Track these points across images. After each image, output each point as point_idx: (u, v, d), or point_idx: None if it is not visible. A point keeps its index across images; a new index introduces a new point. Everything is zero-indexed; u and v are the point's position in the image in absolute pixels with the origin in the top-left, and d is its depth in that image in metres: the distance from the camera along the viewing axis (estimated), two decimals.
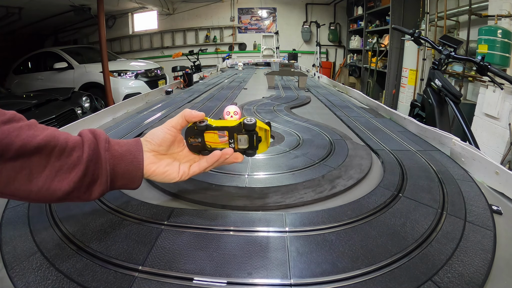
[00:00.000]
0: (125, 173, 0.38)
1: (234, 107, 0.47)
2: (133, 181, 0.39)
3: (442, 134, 0.80)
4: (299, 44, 7.00)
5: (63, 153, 0.34)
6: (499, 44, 2.25)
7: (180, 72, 3.52)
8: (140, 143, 0.40)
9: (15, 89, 4.53)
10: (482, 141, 2.43)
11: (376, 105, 1.33)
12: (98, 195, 0.36)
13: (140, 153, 0.39)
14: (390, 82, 4.45)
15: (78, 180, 0.34)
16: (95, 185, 0.36)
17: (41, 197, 0.33)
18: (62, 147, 0.34)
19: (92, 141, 0.36)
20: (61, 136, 0.35)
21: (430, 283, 0.33)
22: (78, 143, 0.35)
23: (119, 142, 0.39)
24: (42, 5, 4.80)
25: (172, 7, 6.95)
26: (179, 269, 0.34)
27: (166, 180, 0.41)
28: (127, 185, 0.39)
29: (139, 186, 0.40)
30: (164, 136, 0.42)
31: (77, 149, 0.35)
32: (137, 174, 0.39)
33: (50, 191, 0.33)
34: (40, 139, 0.32)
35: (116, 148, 0.38)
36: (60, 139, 0.34)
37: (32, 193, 0.32)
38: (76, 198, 0.35)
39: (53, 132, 0.35)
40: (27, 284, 0.32)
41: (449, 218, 0.45)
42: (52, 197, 0.33)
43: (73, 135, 0.37)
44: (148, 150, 0.41)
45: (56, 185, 0.33)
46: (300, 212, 0.47)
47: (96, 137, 0.37)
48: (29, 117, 0.35)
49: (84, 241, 0.39)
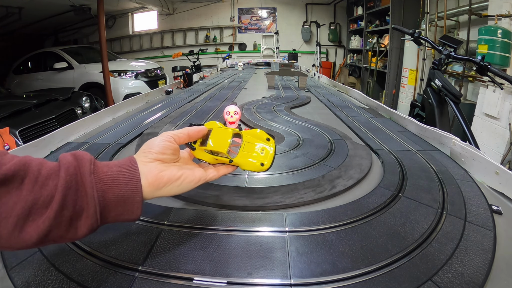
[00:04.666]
0: (119, 200, 0.30)
1: (234, 107, 0.47)
2: (131, 209, 0.31)
3: (442, 134, 0.80)
4: (299, 44, 7.00)
5: (36, 183, 0.27)
6: (499, 44, 2.25)
7: (180, 72, 3.53)
8: (134, 160, 0.33)
9: (15, 89, 4.53)
10: (482, 141, 2.43)
11: (376, 105, 1.33)
12: (87, 232, 0.28)
13: (136, 172, 0.32)
14: (390, 82, 4.45)
15: (54, 215, 0.26)
16: (79, 220, 0.28)
17: (13, 243, 0.26)
18: (34, 176, 0.27)
19: (71, 163, 0.29)
20: (33, 162, 0.28)
21: (430, 283, 0.33)
22: (54, 169, 0.28)
23: (108, 164, 0.32)
24: (42, 5, 4.80)
25: (172, 7, 6.95)
26: (179, 269, 0.34)
27: (184, 186, 0.35)
28: (123, 215, 0.31)
29: (138, 215, 0.32)
30: (164, 144, 0.36)
31: (53, 177, 0.28)
32: (135, 200, 0.31)
33: (23, 234, 0.26)
34: (6, 169, 0.26)
35: (104, 170, 0.30)
36: (32, 166, 0.28)
37: (2, 238, 0.25)
38: (58, 237, 0.27)
39: (24, 158, 0.28)
40: (27, 284, 0.32)
41: (449, 218, 0.45)
42: (26, 242, 0.26)
43: (51, 161, 0.30)
44: (151, 160, 0.34)
45: (30, 226, 0.26)
46: (300, 212, 0.47)
47: (78, 158, 0.30)
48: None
49: (84, 241, 0.39)
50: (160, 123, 0.99)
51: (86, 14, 5.39)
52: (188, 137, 0.38)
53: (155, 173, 0.33)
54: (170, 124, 0.98)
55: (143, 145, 0.36)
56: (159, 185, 0.33)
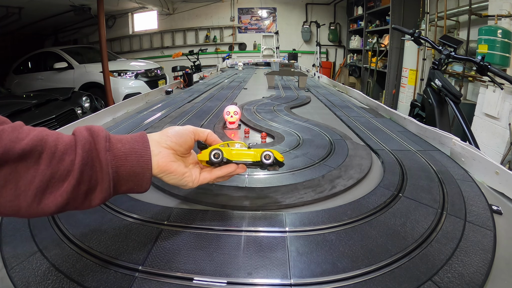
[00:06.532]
0: (130, 175, 0.33)
1: (234, 107, 0.47)
2: (140, 184, 0.34)
3: (442, 134, 0.80)
4: (299, 44, 7.00)
5: (53, 158, 0.29)
6: (499, 44, 2.25)
7: (180, 72, 3.52)
8: (146, 138, 0.36)
9: (15, 89, 4.54)
10: (482, 141, 2.43)
11: (376, 105, 1.33)
12: (100, 202, 0.32)
13: (148, 150, 0.34)
14: (390, 82, 4.45)
15: (71, 190, 0.29)
16: (94, 193, 0.31)
17: (32, 213, 0.28)
18: (51, 151, 0.29)
19: (87, 140, 0.31)
20: (50, 137, 0.30)
21: (430, 283, 0.33)
22: (70, 144, 0.30)
23: (121, 139, 0.34)
24: (42, 5, 4.80)
25: (172, 7, 6.95)
26: (179, 269, 0.34)
27: (182, 182, 0.38)
28: (134, 189, 0.34)
29: (147, 189, 0.35)
30: (185, 138, 0.39)
31: (70, 152, 0.30)
32: (145, 176, 0.34)
33: (42, 206, 0.28)
34: (25, 144, 0.27)
35: (118, 147, 0.33)
36: (49, 141, 0.29)
37: (22, 209, 0.27)
38: (74, 208, 0.31)
39: (40, 133, 0.29)
40: (27, 284, 0.32)
41: (449, 218, 0.45)
42: (45, 212, 0.28)
43: (66, 134, 0.32)
44: (167, 146, 0.37)
45: (48, 198, 0.28)
46: (300, 212, 0.47)
47: (94, 135, 0.32)
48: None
49: (84, 241, 0.39)
50: (160, 123, 0.99)
51: (86, 14, 5.40)
52: (206, 138, 0.41)
53: (167, 160, 0.36)
54: (170, 124, 0.98)
55: (167, 127, 0.39)
56: (165, 172, 0.36)
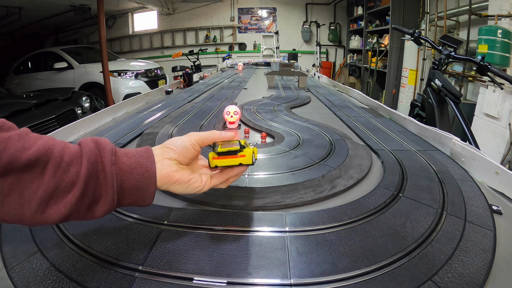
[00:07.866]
0: (134, 189, 0.33)
1: (234, 107, 0.47)
2: (144, 198, 0.34)
3: (442, 134, 0.80)
4: (299, 44, 7.00)
5: (59, 169, 0.29)
6: (499, 44, 2.25)
7: (180, 72, 3.53)
8: (151, 152, 0.36)
9: (15, 89, 4.54)
10: (482, 141, 2.43)
11: (376, 105, 1.33)
12: (102, 215, 0.32)
13: (153, 165, 0.34)
14: (390, 82, 4.45)
15: (75, 201, 0.29)
16: (97, 205, 0.31)
17: (35, 222, 0.28)
18: (57, 162, 0.29)
19: (93, 152, 0.31)
20: (55, 147, 0.30)
21: (430, 283, 0.33)
22: (75, 155, 0.30)
23: (127, 153, 0.34)
24: (42, 5, 4.80)
25: (172, 7, 6.95)
26: (179, 269, 0.34)
27: (190, 189, 0.38)
28: (137, 202, 0.34)
29: (150, 203, 0.35)
30: (188, 150, 0.39)
31: (75, 164, 0.30)
32: (149, 190, 0.34)
33: (45, 215, 0.28)
34: (31, 154, 0.28)
35: (124, 160, 0.33)
36: (55, 151, 0.29)
37: (25, 218, 0.28)
38: (76, 218, 0.31)
39: (47, 142, 0.30)
40: (27, 284, 0.32)
41: (449, 218, 0.45)
42: (48, 222, 0.29)
43: (72, 144, 0.32)
44: (170, 158, 0.37)
45: (52, 208, 0.28)
46: (300, 212, 0.47)
47: (100, 148, 0.32)
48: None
49: (84, 241, 0.39)
50: (160, 123, 0.99)
51: (86, 14, 5.40)
52: (213, 141, 0.41)
53: (168, 171, 0.35)
54: (170, 124, 0.98)
55: (168, 140, 0.39)
56: (168, 182, 0.36)
